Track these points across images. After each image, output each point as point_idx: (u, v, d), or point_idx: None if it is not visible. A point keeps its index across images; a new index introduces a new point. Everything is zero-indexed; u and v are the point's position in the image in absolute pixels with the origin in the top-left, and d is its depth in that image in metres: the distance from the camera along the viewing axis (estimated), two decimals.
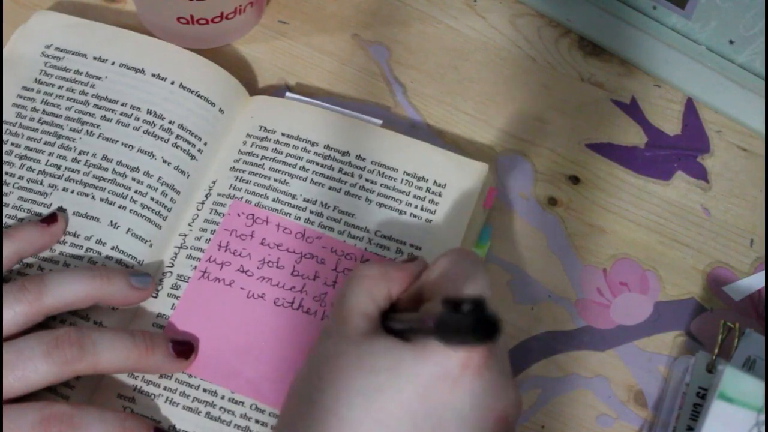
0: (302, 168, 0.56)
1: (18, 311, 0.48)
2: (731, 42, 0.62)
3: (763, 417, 0.48)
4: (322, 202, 0.55)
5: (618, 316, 0.57)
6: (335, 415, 0.41)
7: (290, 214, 0.55)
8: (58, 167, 0.55)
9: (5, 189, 0.54)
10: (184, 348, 0.50)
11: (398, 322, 0.44)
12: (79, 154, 0.55)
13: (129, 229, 0.54)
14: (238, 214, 0.55)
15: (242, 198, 0.55)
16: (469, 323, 0.36)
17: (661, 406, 0.54)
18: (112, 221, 0.54)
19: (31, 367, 0.46)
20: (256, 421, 0.50)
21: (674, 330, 0.56)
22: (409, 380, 0.41)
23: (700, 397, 0.52)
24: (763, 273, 0.58)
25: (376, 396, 0.41)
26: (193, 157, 0.56)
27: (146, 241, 0.54)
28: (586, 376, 0.55)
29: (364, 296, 0.45)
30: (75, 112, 0.57)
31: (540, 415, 0.54)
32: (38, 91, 0.57)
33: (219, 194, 0.56)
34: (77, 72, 0.58)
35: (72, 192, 0.54)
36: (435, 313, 0.39)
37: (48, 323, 0.49)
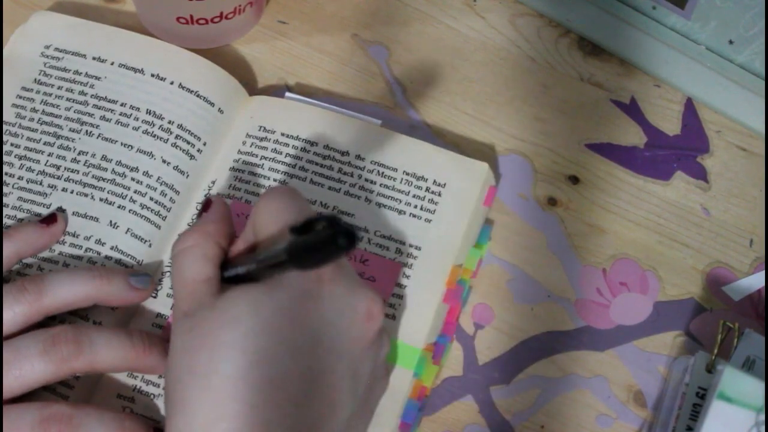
0: (302, 168, 0.56)
1: (17, 311, 0.48)
2: (731, 42, 0.62)
3: (762, 417, 0.48)
4: (321, 202, 0.55)
5: (617, 316, 0.57)
6: (215, 373, 0.41)
7: None
8: (58, 167, 0.55)
9: (5, 189, 0.54)
10: None
11: (241, 267, 0.45)
12: (79, 154, 0.55)
13: (128, 229, 0.54)
14: (238, 215, 0.55)
15: (242, 198, 0.55)
16: (328, 238, 0.38)
17: (660, 406, 0.54)
18: (111, 221, 0.54)
19: (28, 365, 0.46)
20: None
21: (674, 330, 0.56)
22: (273, 312, 0.42)
23: (700, 397, 0.52)
24: (762, 273, 0.58)
25: (247, 342, 0.41)
26: (192, 157, 0.56)
27: (146, 241, 0.54)
28: (585, 376, 0.55)
29: (197, 263, 0.46)
30: (74, 112, 0.57)
31: (540, 415, 0.54)
32: (38, 92, 0.57)
33: (218, 194, 0.56)
34: (77, 72, 0.58)
35: (71, 192, 0.54)
36: (283, 242, 0.40)
37: (47, 323, 0.49)
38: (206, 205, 0.50)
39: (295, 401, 0.42)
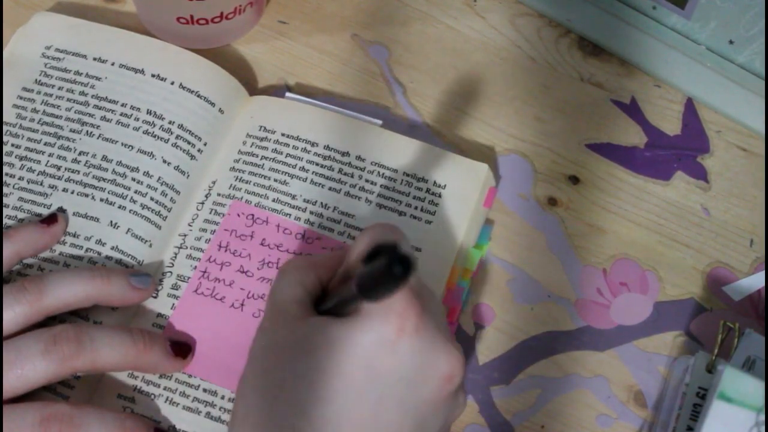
0: (302, 168, 0.56)
1: (18, 312, 0.48)
2: (731, 42, 0.62)
3: (762, 417, 0.48)
4: (322, 203, 0.55)
5: (618, 316, 0.57)
6: (284, 401, 0.41)
7: (290, 214, 0.55)
8: (58, 168, 0.55)
9: (5, 190, 0.54)
10: (182, 348, 0.50)
11: (328, 301, 0.45)
12: (79, 154, 0.55)
13: (129, 229, 0.54)
14: (238, 215, 0.55)
15: (242, 198, 0.56)
16: (385, 267, 0.37)
17: (660, 407, 0.54)
18: (111, 221, 0.54)
19: (30, 365, 0.46)
20: None
21: (674, 330, 0.56)
22: (347, 354, 0.41)
23: (700, 397, 0.52)
24: (762, 273, 0.58)
25: (317, 376, 0.41)
26: (192, 157, 0.56)
27: (146, 241, 0.54)
28: (585, 376, 0.55)
29: (294, 285, 0.46)
30: (75, 112, 0.57)
31: (540, 415, 0.54)
32: (38, 92, 0.57)
33: (219, 194, 0.56)
34: (77, 73, 0.58)
35: (72, 192, 0.54)
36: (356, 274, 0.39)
37: (48, 323, 0.49)
38: (333, 247, 0.50)
39: None
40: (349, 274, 0.46)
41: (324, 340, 0.42)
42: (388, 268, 0.36)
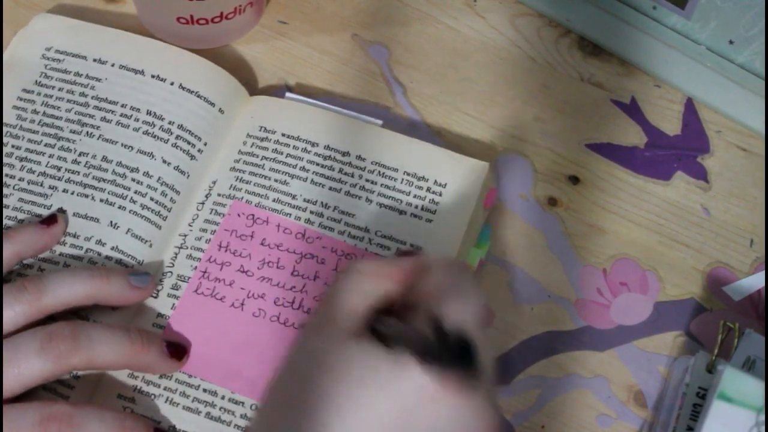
0: (302, 168, 0.56)
1: (18, 311, 0.48)
2: (731, 42, 0.62)
3: (762, 417, 0.48)
4: (322, 203, 0.55)
5: (618, 316, 0.57)
6: (314, 418, 0.40)
7: (290, 214, 0.55)
8: (59, 169, 0.55)
9: (5, 191, 0.54)
10: (178, 349, 0.50)
11: (386, 328, 0.43)
12: (79, 155, 0.55)
13: (129, 229, 0.54)
14: (239, 215, 0.55)
15: (242, 198, 0.56)
16: (447, 353, 0.36)
17: (660, 407, 0.54)
18: (111, 222, 0.54)
19: (26, 363, 0.46)
20: None
21: (674, 330, 0.56)
22: (385, 395, 0.40)
23: (700, 398, 0.52)
24: (762, 273, 0.58)
25: (350, 403, 0.40)
26: (192, 157, 0.56)
27: (146, 241, 0.54)
28: (585, 376, 0.55)
29: (356, 294, 0.43)
30: (75, 113, 0.57)
31: (540, 415, 0.54)
32: (38, 94, 0.57)
33: (219, 194, 0.56)
34: (77, 74, 0.58)
35: (72, 193, 0.54)
36: (419, 330, 0.38)
37: (47, 323, 0.49)
38: (408, 252, 0.48)
39: None
40: (414, 301, 0.44)
41: (369, 369, 0.40)
42: (453, 355, 0.36)
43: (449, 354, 0.36)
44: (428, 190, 0.56)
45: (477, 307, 0.42)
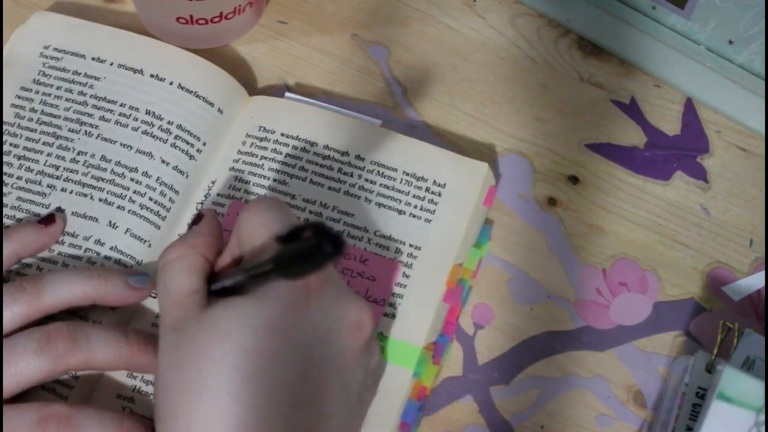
0: (301, 168, 0.56)
1: (16, 311, 0.48)
2: (731, 42, 0.62)
3: (762, 417, 0.48)
4: (321, 202, 0.55)
5: (617, 316, 0.57)
6: (206, 388, 0.41)
7: None
8: (57, 168, 0.55)
9: (4, 189, 0.54)
10: None
11: (228, 279, 0.45)
12: (78, 154, 0.55)
13: (128, 229, 0.54)
14: (238, 215, 0.55)
15: (242, 198, 0.55)
16: (314, 245, 0.37)
17: (660, 407, 0.54)
18: (110, 221, 0.54)
19: (24, 363, 0.46)
20: None
21: (673, 330, 0.56)
22: (263, 328, 0.42)
23: (700, 397, 0.52)
24: (762, 273, 0.58)
25: (237, 357, 0.41)
26: (191, 157, 0.56)
27: (145, 241, 0.54)
28: (585, 376, 0.55)
29: (186, 275, 0.46)
30: (74, 112, 0.57)
31: (539, 415, 0.54)
32: (37, 92, 0.57)
33: (218, 194, 0.56)
34: (76, 72, 0.58)
35: (71, 192, 0.54)
36: (270, 252, 0.40)
37: (46, 323, 0.49)
38: (197, 218, 0.50)
39: (286, 415, 0.42)
40: (242, 250, 0.46)
41: (236, 321, 0.42)
42: (319, 246, 0.37)
43: (319, 247, 0.38)
44: (427, 190, 0.56)
45: (293, 216, 0.46)
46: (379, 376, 0.50)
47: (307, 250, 0.38)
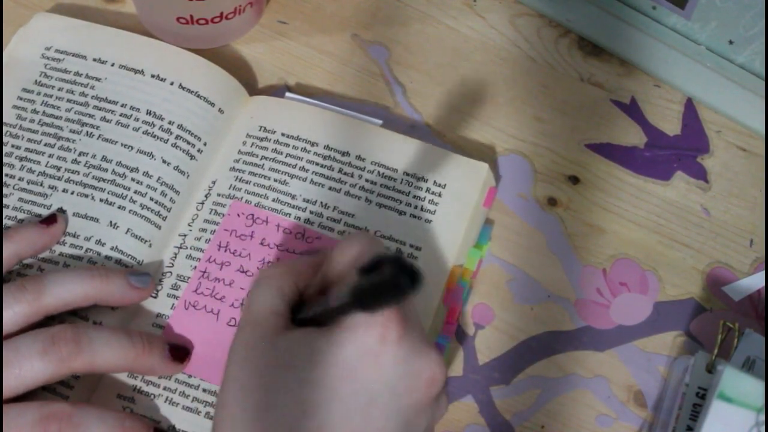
0: (302, 168, 0.56)
1: (17, 311, 0.48)
2: (731, 42, 0.62)
3: (762, 417, 0.48)
4: (322, 203, 0.55)
5: (618, 316, 0.57)
6: (266, 418, 0.41)
7: (290, 214, 0.55)
8: (58, 168, 0.55)
9: (5, 190, 0.54)
10: (180, 352, 0.50)
11: (310, 310, 0.45)
12: (79, 155, 0.55)
13: (128, 229, 0.54)
14: (238, 215, 0.55)
15: (242, 198, 0.56)
16: (391, 277, 0.36)
17: (660, 407, 0.54)
18: (111, 221, 0.54)
19: (28, 365, 0.46)
20: None
21: (674, 330, 0.56)
22: (331, 366, 0.41)
23: (700, 397, 0.52)
24: (762, 273, 0.58)
25: (302, 391, 0.41)
26: (192, 157, 0.56)
27: (146, 241, 0.54)
28: (585, 376, 0.55)
29: (271, 295, 0.45)
30: (75, 113, 0.57)
31: (540, 415, 0.54)
32: (38, 93, 0.57)
33: (219, 194, 0.56)
34: (77, 74, 0.58)
35: (72, 193, 0.54)
36: (350, 284, 0.39)
37: (47, 323, 0.49)
38: (310, 252, 0.50)
39: None
40: (329, 283, 0.46)
41: (307, 354, 0.42)
42: (394, 279, 0.36)
43: (395, 280, 0.36)
44: (427, 190, 0.56)
45: (380, 242, 0.45)
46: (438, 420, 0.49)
47: (384, 284, 0.37)
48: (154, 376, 0.50)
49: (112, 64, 0.58)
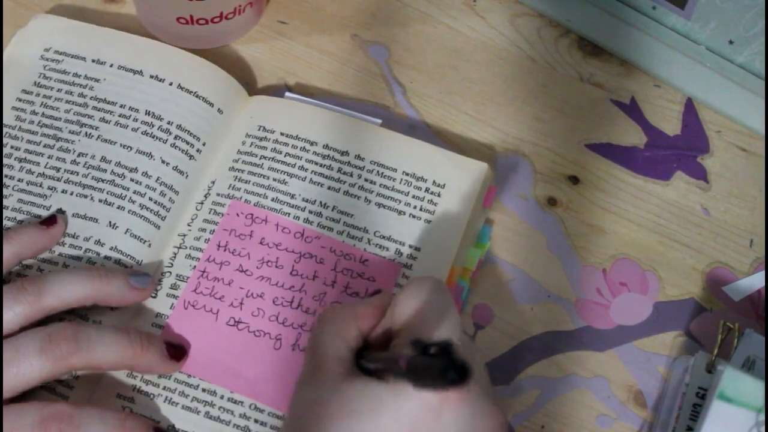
0: (301, 168, 0.56)
1: (17, 311, 0.48)
2: (731, 42, 0.62)
3: (762, 417, 0.48)
4: (321, 202, 0.55)
5: (618, 317, 0.57)
6: None
7: (289, 213, 0.55)
8: (58, 169, 0.55)
9: (5, 191, 0.54)
10: (178, 350, 0.50)
11: (372, 362, 0.44)
12: (78, 156, 0.55)
13: (128, 229, 0.54)
14: (237, 214, 0.55)
15: (241, 198, 0.55)
16: (438, 368, 0.36)
17: (660, 407, 0.54)
18: (110, 222, 0.54)
19: (27, 363, 0.46)
20: (255, 421, 0.50)
21: (674, 330, 0.56)
22: (392, 418, 0.41)
23: (700, 398, 0.51)
24: (762, 273, 0.58)
25: None
26: (191, 157, 0.56)
27: (145, 241, 0.54)
28: (585, 377, 0.55)
29: (336, 340, 0.45)
30: (74, 114, 0.57)
31: (540, 415, 0.54)
32: (37, 95, 0.57)
33: (218, 194, 0.56)
34: (76, 75, 0.58)
35: (71, 194, 0.54)
36: (405, 354, 0.39)
37: (46, 323, 0.49)
38: (375, 292, 0.49)
39: None
40: (392, 331, 0.45)
41: (368, 405, 0.41)
42: (442, 370, 0.36)
43: (438, 369, 0.36)
44: (427, 190, 0.56)
45: (453, 319, 0.44)
46: None
47: (432, 370, 0.37)
48: (153, 374, 0.50)
49: (111, 65, 0.58)
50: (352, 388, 0.43)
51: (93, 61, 0.58)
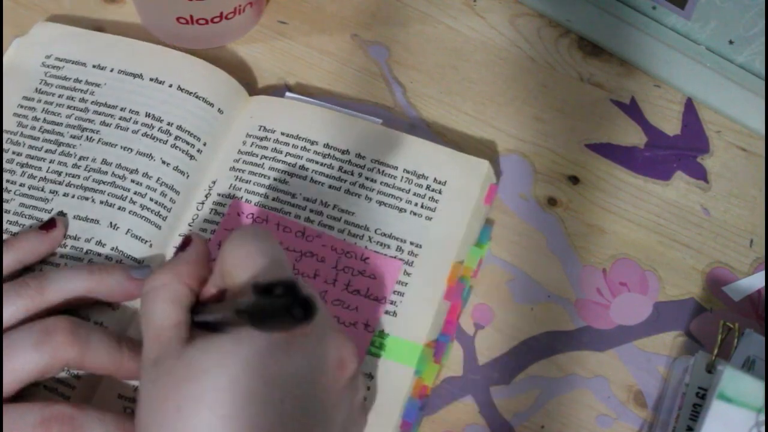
0: (302, 167, 0.56)
1: (19, 305, 0.48)
2: (731, 42, 0.62)
3: (762, 417, 0.48)
4: (321, 201, 0.55)
5: (618, 317, 0.57)
6: (183, 428, 0.41)
7: (290, 213, 0.55)
8: (59, 174, 0.55)
9: (7, 196, 0.54)
10: None
11: (209, 315, 0.44)
12: (79, 159, 0.55)
13: (129, 229, 0.54)
14: (238, 214, 0.55)
15: (242, 198, 0.56)
16: (285, 307, 0.36)
17: (660, 407, 0.54)
18: (111, 222, 0.54)
19: (22, 357, 0.46)
20: None
21: (674, 330, 0.56)
22: (241, 366, 0.41)
23: (700, 398, 0.52)
24: (762, 273, 0.58)
25: (215, 397, 0.41)
26: (192, 157, 0.56)
27: (146, 241, 0.54)
28: (585, 377, 0.55)
29: (168, 306, 0.45)
30: (75, 119, 0.57)
31: (539, 415, 0.54)
32: (39, 101, 0.58)
33: (219, 194, 0.56)
34: (77, 80, 0.58)
35: (72, 197, 0.54)
36: (245, 301, 0.39)
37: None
38: (184, 243, 0.49)
39: None
40: (224, 287, 0.45)
41: (215, 359, 0.41)
42: (288, 309, 0.36)
43: (282, 308, 0.36)
44: (428, 187, 0.56)
45: (283, 257, 0.44)
46: (367, 410, 0.50)
47: (277, 310, 0.37)
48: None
49: (112, 70, 0.58)
50: (195, 348, 0.42)
51: (93, 66, 0.59)
